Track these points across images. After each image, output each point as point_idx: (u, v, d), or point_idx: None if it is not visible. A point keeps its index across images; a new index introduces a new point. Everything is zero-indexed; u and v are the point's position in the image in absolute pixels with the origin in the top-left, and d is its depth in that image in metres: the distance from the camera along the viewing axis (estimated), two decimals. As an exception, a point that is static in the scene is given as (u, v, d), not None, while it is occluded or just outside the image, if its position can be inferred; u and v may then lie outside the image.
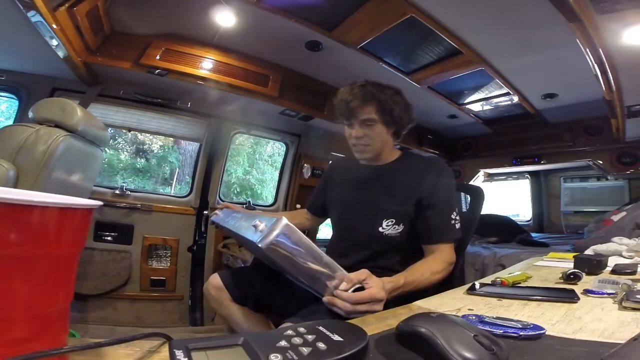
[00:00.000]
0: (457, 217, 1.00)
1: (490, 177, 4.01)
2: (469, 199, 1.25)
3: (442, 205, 0.98)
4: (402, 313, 0.62)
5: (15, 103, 2.10)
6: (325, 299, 0.70)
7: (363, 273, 0.72)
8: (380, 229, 0.99)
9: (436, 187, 0.98)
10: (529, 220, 3.96)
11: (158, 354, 0.41)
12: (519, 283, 0.83)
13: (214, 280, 1.07)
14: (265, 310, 1.08)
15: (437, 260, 0.93)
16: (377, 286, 0.71)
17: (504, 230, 3.13)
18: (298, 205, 2.81)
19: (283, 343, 0.37)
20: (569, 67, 2.00)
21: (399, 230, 0.99)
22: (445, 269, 0.93)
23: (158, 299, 2.34)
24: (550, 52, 1.92)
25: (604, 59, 1.68)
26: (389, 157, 1.09)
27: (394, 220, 0.99)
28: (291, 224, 0.65)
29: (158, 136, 3.09)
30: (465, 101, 2.79)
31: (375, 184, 1.06)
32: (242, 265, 2.25)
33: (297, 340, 0.37)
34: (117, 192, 2.30)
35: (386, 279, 0.76)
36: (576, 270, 0.83)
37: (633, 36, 1.52)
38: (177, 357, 0.33)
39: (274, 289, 1.04)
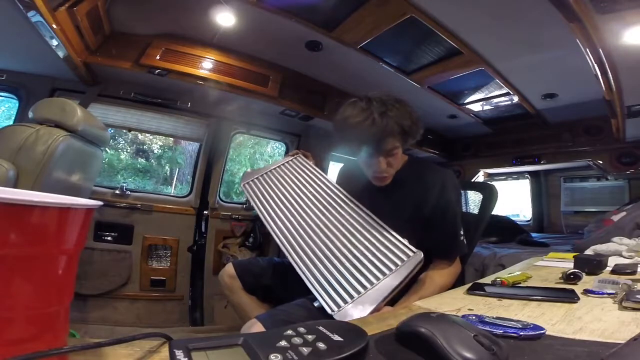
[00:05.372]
0: (463, 232, 1.01)
1: (490, 177, 4.01)
2: (481, 197, 1.25)
3: (449, 223, 0.98)
4: (402, 313, 0.62)
5: (15, 103, 2.10)
6: None
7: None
8: None
9: (443, 205, 0.97)
10: (529, 220, 3.96)
11: (158, 354, 0.40)
12: (519, 283, 0.83)
13: (229, 269, 1.13)
14: (272, 302, 1.12)
15: (443, 275, 0.96)
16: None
17: (504, 230, 3.12)
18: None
19: (283, 343, 0.37)
20: (569, 67, 2.00)
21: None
22: (452, 280, 0.97)
23: (158, 299, 2.34)
24: (550, 52, 1.91)
25: (604, 59, 1.68)
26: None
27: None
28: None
29: (158, 136, 3.09)
30: (465, 101, 2.78)
31: (381, 197, 1.04)
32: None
33: (297, 340, 0.37)
34: (117, 192, 2.29)
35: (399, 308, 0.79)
36: (576, 270, 0.83)
37: (633, 36, 1.52)
38: (177, 357, 0.33)
39: (280, 284, 1.10)
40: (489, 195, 1.21)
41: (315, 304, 0.80)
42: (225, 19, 1.86)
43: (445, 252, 0.99)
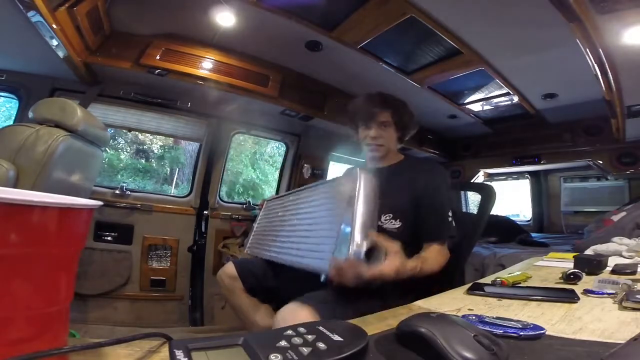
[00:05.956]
0: (451, 215, 1.06)
1: (490, 177, 4.01)
2: (480, 198, 1.25)
3: (438, 203, 1.04)
4: (402, 313, 0.62)
5: (15, 103, 2.10)
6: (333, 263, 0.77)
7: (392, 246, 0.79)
8: (379, 223, 1.02)
9: (433, 187, 1.05)
10: (529, 220, 3.96)
11: (158, 354, 0.41)
12: (519, 283, 0.83)
13: (229, 270, 1.11)
14: (273, 302, 1.11)
15: (434, 251, 1.00)
16: (390, 265, 0.77)
17: (504, 230, 3.13)
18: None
19: (283, 343, 0.37)
20: (569, 67, 2.00)
21: (397, 226, 1.02)
22: (443, 262, 1.00)
23: (158, 299, 2.34)
24: (550, 52, 1.91)
25: (604, 59, 1.68)
26: (393, 160, 1.18)
27: (392, 215, 1.03)
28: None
29: (158, 136, 3.09)
30: (465, 101, 2.78)
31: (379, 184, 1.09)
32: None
33: (297, 340, 0.37)
34: (117, 192, 2.30)
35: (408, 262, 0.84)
36: (576, 270, 0.83)
37: (633, 36, 1.52)
38: (177, 357, 0.33)
39: (283, 283, 1.08)
40: (487, 195, 1.21)
41: (322, 279, 0.81)
42: (225, 19, 1.86)
43: (435, 232, 1.02)
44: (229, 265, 1.13)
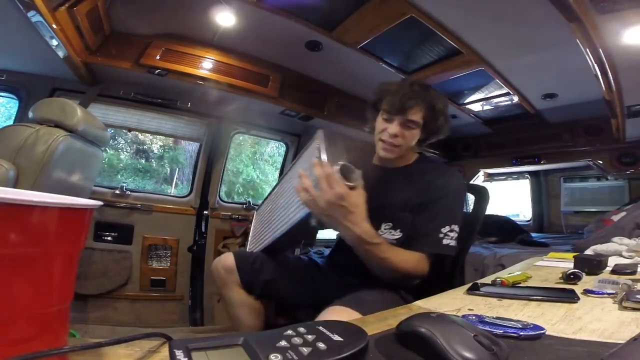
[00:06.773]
0: (453, 234, 0.92)
1: (490, 177, 4.01)
2: (473, 199, 1.25)
3: (435, 213, 0.92)
4: (402, 313, 0.62)
5: (15, 103, 2.10)
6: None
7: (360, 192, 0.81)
8: (379, 232, 0.93)
9: (436, 197, 0.93)
10: (529, 220, 3.96)
11: (158, 354, 0.41)
12: (519, 283, 0.83)
13: (227, 261, 1.04)
14: (269, 298, 1.08)
15: (408, 253, 0.89)
16: (355, 202, 0.80)
17: (504, 230, 3.13)
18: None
19: (283, 343, 0.37)
20: (569, 67, 2.00)
21: (396, 237, 0.95)
22: (412, 268, 0.88)
23: (158, 299, 2.34)
24: (550, 52, 1.91)
25: (604, 59, 1.68)
26: (405, 161, 1.04)
27: (391, 225, 0.95)
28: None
29: (158, 136, 3.09)
30: (465, 101, 2.78)
31: (383, 186, 0.99)
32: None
33: (297, 340, 0.37)
34: (117, 192, 2.30)
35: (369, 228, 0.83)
36: (576, 270, 0.83)
37: (633, 36, 1.52)
38: (177, 357, 0.33)
39: (282, 277, 1.05)
40: (481, 196, 1.21)
41: (314, 222, 0.86)
42: (225, 19, 1.86)
43: (418, 242, 0.91)
44: (227, 256, 1.05)
